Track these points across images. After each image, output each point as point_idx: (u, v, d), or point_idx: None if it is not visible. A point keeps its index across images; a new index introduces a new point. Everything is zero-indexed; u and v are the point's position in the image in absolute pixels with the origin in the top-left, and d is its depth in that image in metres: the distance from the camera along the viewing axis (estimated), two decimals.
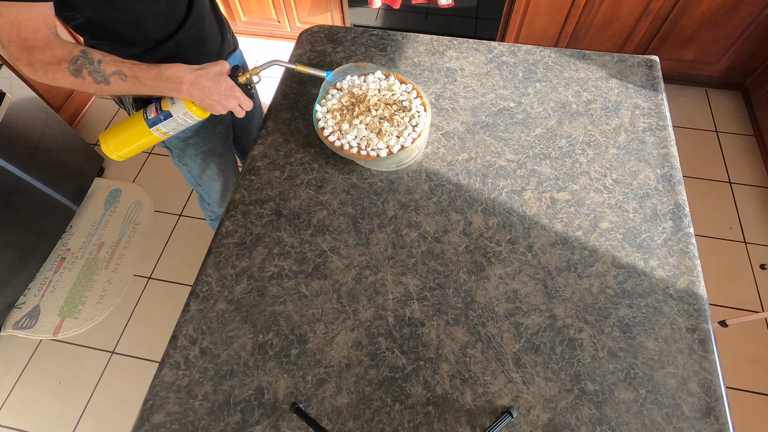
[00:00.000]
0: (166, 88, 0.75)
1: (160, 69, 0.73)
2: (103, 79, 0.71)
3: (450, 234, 0.85)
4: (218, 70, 0.76)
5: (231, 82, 0.78)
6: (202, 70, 0.75)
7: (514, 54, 1.10)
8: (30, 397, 1.55)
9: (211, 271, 0.83)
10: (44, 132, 1.68)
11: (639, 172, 0.91)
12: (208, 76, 0.75)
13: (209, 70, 0.76)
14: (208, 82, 0.75)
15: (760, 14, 1.71)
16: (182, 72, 0.74)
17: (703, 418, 0.68)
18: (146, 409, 0.72)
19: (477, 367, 0.73)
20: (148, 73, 0.73)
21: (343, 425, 0.69)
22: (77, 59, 0.69)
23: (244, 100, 0.81)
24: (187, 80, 0.74)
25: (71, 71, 0.70)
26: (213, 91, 0.76)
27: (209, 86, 0.75)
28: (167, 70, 0.73)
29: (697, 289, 0.78)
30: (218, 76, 0.76)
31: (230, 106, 0.79)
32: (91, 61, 0.70)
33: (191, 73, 0.74)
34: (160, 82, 0.74)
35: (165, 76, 0.73)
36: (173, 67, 0.74)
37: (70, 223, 1.90)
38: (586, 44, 1.97)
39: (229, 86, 0.77)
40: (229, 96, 0.78)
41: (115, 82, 0.72)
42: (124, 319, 1.67)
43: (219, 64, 0.77)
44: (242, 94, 0.80)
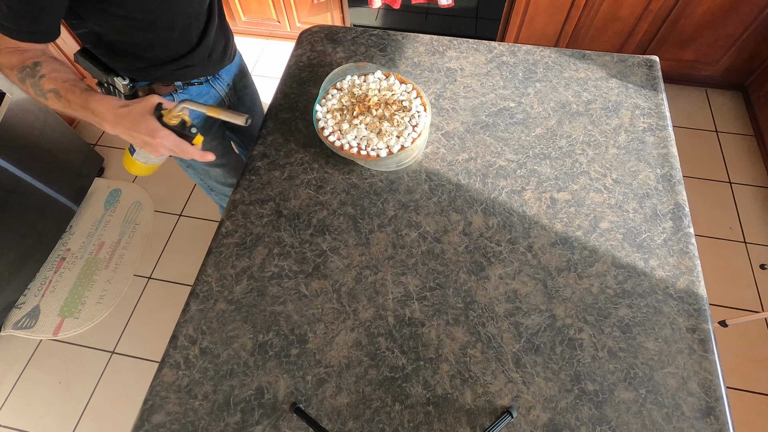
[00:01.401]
0: (92, 119, 0.70)
1: (88, 99, 0.68)
2: (41, 93, 0.69)
3: (450, 234, 0.85)
4: (140, 109, 0.68)
5: (154, 124, 0.68)
6: (125, 109, 0.68)
7: (514, 54, 1.10)
8: (30, 397, 1.55)
9: (211, 271, 0.83)
10: (44, 132, 1.68)
11: (639, 172, 0.91)
12: (129, 116, 0.68)
13: (132, 108, 0.68)
14: (129, 122, 0.68)
15: (760, 14, 1.71)
16: (105, 109, 0.68)
17: (703, 418, 0.68)
18: (146, 409, 0.72)
19: (477, 367, 0.73)
20: (78, 99, 0.69)
21: (343, 425, 0.69)
22: (24, 68, 0.69)
23: (176, 145, 0.70)
24: (108, 119, 0.68)
25: (18, 79, 0.69)
26: (133, 133, 0.68)
27: (129, 127, 0.68)
28: (93, 103, 0.68)
29: (697, 289, 0.78)
30: (139, 118, 0.68)
31: (159, 152, 0.70)
32: (34, 74, 0.69)
33: (113, 111, 0.68)
34: (86, 112, 0.69)
35: (90, 109, 0.68)
36: (100, 102, 0.68)
37: (70, 223, 1.90)
38: (586, 44, 1.97)
39: (149, 130, 0.68)
40: (152, 142, 0.68)
41: (51, 99, 0.69)
42: (124, 319, 1.67)
43: (144, 100, 0.69)
44: (169, 138, 0.69)
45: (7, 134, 1.51)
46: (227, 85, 1.06)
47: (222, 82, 1.04)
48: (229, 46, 1.01)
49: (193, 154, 0.72)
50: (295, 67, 1.11)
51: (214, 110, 0.72)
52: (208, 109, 0.72)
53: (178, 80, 0.93)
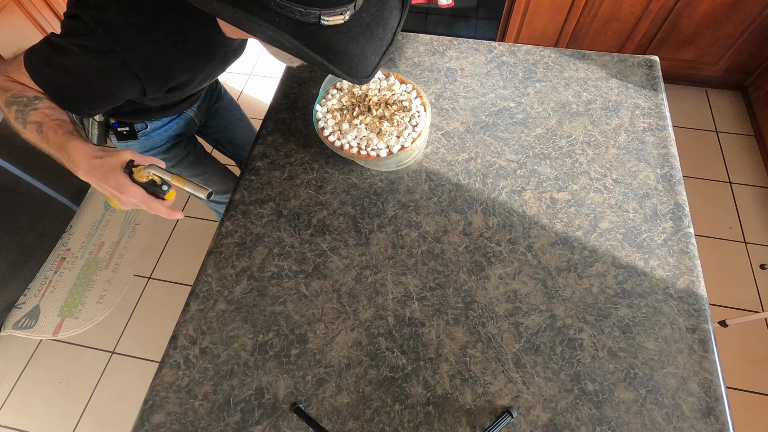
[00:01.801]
0: (67, 164, 0.70)
1: (67, 143, 0.68)
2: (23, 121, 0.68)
3: (450, 234, 0.85)
4: (111, 164, 0.67)
5: (122, 179, 0.67)
6: (98, 160, 0.67)
7: (514, 54, 1.10)
8: (30, 396, 1.55)
9: (211, 271, 0.83)
10: None
11: (639, 172, 0.91)
12: (101, 169, 0.67)
13: (105, 161, 0.67)
14: (100, 175, 0.67)
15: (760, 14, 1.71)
16: (80, 157, 0.67)
17: (703, 418, 0.68)
18: (146, 409, 0.72)
19: (477, 367, 0.73)
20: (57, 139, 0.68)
21: (343, 425, 0.69)
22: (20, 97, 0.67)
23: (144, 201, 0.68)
24: (82, 168, 0.67)
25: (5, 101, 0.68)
26: (104, 185, 0.68)
27: (99, 179, 0.67)
28: (71, 149, 0.67)
29: (697, 289, 0.78)
30: (108, 172, 0.67)
31: (126, 206, 0.69)
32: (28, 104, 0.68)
33: (86, 161, 0.67)
34: (63, 154, 0.68)
35: (67, 153, 0.68)
36: (77, 148, 0.67)
37: (70, 223, 1.90)
38: (586, 44, 1.97)
39: (117, 185, 0.67)
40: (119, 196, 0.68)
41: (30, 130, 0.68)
42: (124, 319, 1.67)
43: (117, 155, 0.68)
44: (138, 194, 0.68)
45: (7, 134, 1.52)
46: (196, 106, 1.06)
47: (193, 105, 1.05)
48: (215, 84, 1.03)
49: (159, 211, 0.70)
50: (295, 67, 1.11)
51: (178, 180, 0.70)
52: (173, 178, 0.70)
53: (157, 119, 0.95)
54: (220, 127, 1.21)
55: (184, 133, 1.06)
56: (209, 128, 1.20)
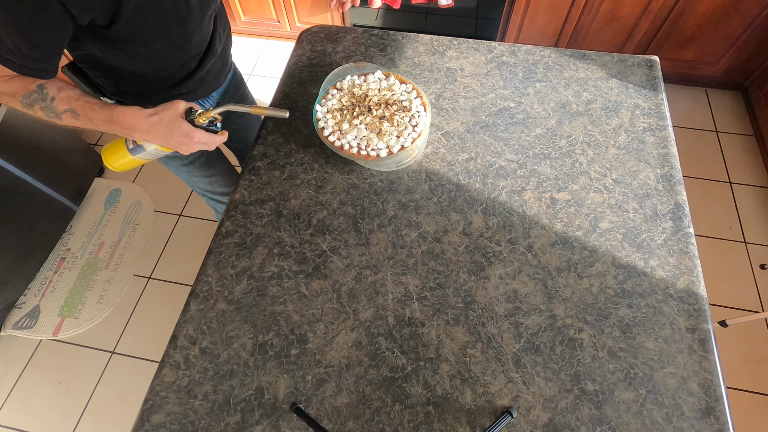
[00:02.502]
0: (119, 131, 0.72)
1: (113, 113, 0.70)
2: (55, 115, 0.70)
3: (450, 234, 0.85)
4: (172, 115, 0.72)
5: (187, 127, 0.73)
6: (155, 117, 0.71)
7: (514, 54, 1.10)
8: (30, 397, 1.55)
9: (211, 271, 0.83)
10: (44, 132, 1.68)
11: (639, 172, 0.91)
12: (161, 123, 0.71)
13: (163, 115, 0.72)
14: (162, 129, 0.71)
15: (760, 14, 1.71)
16: (134, 120, 0.71)
17: (703, 418, 0.68)
18: (146, 409, 0.72)
19: (477, 367, 0.73)
20: (100, 115, 0.70)
21: (343, 425, 0.69)
22: (31, 94, 0.69)
23: (208, 140, 0.76)
24: (140, 128, 0.71)
25: (23, 104, 0.69)
26: (169, 138, 0.72)
27: (163, 134, 0.72)
28: (119, 116, 0.70)
29: (697, 289, 0.78)
30: (172, 123, 0.72)
31: (192, 149, 0.76)
32: (44, 98, 0.69)
33: (144, 120, 0.71)
34: (113, 125, 0.71)
35: (117, 122, 0.70)
36: (126, 113, 0.71)
37: (70, 223, 1.90)
38: (586, 44, 1.97)
39: (185, 132, 0.72)
40: (188, 142, 0.74)
41: (66, 118, 0.70)
42: (124, 319, 1.67)
43: (173, 106, 0.73)
44: (202, 136, 0.75)
45: (7, 134, 1.52)
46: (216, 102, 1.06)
47: (211, 100, 1.04)
48: (223, 72, 1.00)
49: (219, 141, 0.79)
50: (295, 67, 1.11)
51: (258, 109, 0.78)
52: (252, 109, 0.77)
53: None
54: (237, 125, 1.21)
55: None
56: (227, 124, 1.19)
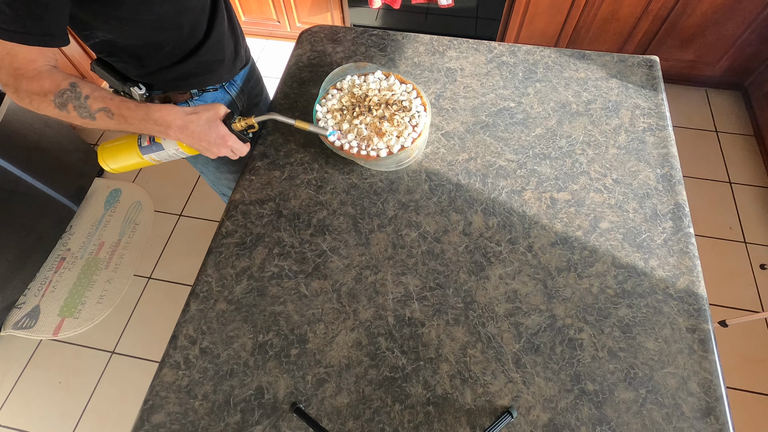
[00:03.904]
0: (153, 129, 0.71)
1: (149, 110, 0.70)
2: (89, 114, 0.69)
3: (450, 234, 0.85)
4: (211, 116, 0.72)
5: (224, 130, 0.73)
6: (194, 115, 0.71)
7: (514, 54, 1.10)
8: (30, 397, 1.55)
9: (211, 271, 0.83)
10: (44, 132, 1.68)
11: (639, 172, 0.91)
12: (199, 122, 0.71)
13: (201, 115, 0.71)
14: (198, 128, 0.71)
15: (760, 14, 1.71)
16: (171, 116, 0.70)
17: (703, 418, 0.68)
18: (146, 409, 0.72)
19: (477, 367, 0.73)
20: (135, 113, 0.70)
21: (343, 425, 0.69)
22: (64, 92, 0.67)
23: (238, 147, 0.76)
24: (176, 125, 0.70)
25: (56, 104, 0.68)
26: (203, 138, 0.72)
27: (199, 133, 0.71)
28: (155, 113, 0.70)
29: (697, 289, 0.78)
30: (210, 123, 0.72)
31: (221, 153, 0.75)
32: (78, 96, 0.68)
33: (181, 118, 0.71)
34: (148, 123, 0.70)
35: (153, 119, 0.70)
36: (162, 110, 0.70)
37: (70, 223, 1.90)
38: (586, 44, 1.97)
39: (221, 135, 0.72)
40: (220, 144, 0.73)
41: (100, 118, 0.70)
42: (124, 319, 1.67)
43: (213, 108, 0.73)
44: (235, 142, 0.75)
45: (7, 134, 1.52)
46: (239, 88, 1.06)
47: (236, 86, 1.04)
48: (240, 47, 1.00)
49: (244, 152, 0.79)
50: (295, 67, 1.11)
51: (302, 124, 0.78)
52: (297, 122, 0.78)
53: (194, 87, 0.93)
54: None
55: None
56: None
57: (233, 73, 1.01)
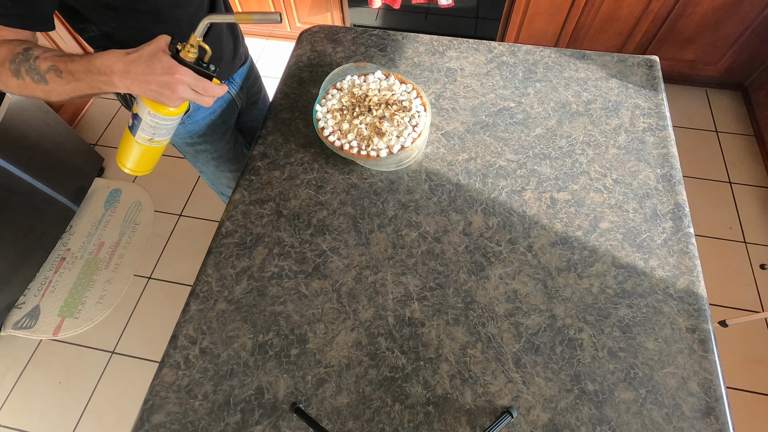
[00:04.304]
0: (99, 81, 0.63)
1: (91, 59, 0.62)
2: (40, 77, 0.63)
3: (450, 234, 0.85)
4: (152, 49, 0.61)
5: (169, 61, 0.61)
6: (135, 53, 0.61)
7: (514, 54, 1.10)
8: (30, 397, 1.55)
9: (211, 271, 0.83)
10: (44, 132, 1.68)
11: (639, 172, 0.91)
12: (141, 59, 0.61)
13: (143, 51, 0.61)
14: (141, 67, 0.61)
15: (760, 14, 1.71)
16: (111, 60, 0.61)
17: (703, 418, 0.68)
18: (146, 409, 0.72)
19: (477, 367, 0.73)
20: (79, 65, 0.62)
21: (343, 425, 0.69)
22: (16, 57, 0.63)
23: (196, 82, 0.63)
24: (118, 70, 0.61)
25: (12, 71, 0.63)
26: (149, 78, 0.61)
27: (143, 72, 0.61)
28: (96, 60, 0.61)
29: (697, 289, 0.78)
30: (152, 57, 0.61)
31: (178, 93, 0.63)
32: (28, 58, 0.63)
33: (121, 60, 0.61)
34: (93, 75, 0.62)
35: (95, 68, 0.61)
36: (103, 56, 0.62)
37: (70, 223, 1.90)
38: (586, 44, 1.97)
39: (165, 67, 0.60)
40: (170, 81, 0.61)
41: (51, 79, 0.63)
42: (124, 319, 1.67)
43: (155, 40, 0.62)
44: (188, 74, 0.62)
45: (7, 134, 1.52)
46: (238, 86, 1.07)
47: (235, 84, 1.04)
48: (239, 44, 1.01)
49: (214, 89, 0.66)
50: (295, 67, 1.11)
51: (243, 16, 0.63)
52: (236, 17, 0.63)
53: None
54: (253, 116, 1.22)
55: (227, 120, 1.06)
56: (243, 116, 1.20)
57: (232, 71, 1.01)
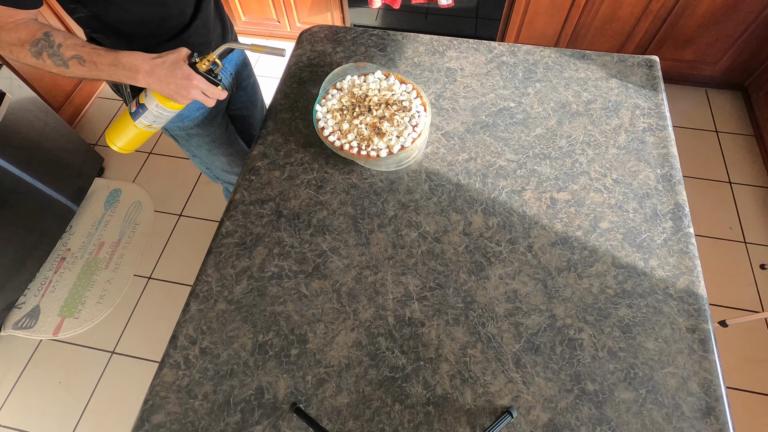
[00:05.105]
0: (123, 75, 0.73)
1: (118, 56, 0.72)
2: (62, 62, 0.72)
3: (450, 234, 0.85)
4: (175, 58, 0.74)
5: (188, 70, 0.75)
6: (159, 59, 0.73)
7: (514, 54, 1.10)
8: (30, 397, 1.55)
9: (211, 271, 0.83)
10: (44, 132, 1.68)
11: (639, 172, 0.91)
12: (164, 65, 0.73)
13: (166, 58, 0.74)
14: (164, 71, 0.73)
15: (759, 14, 1.71)
16: (138, 60, 0.72)
17: (703, 418, 0.68)
18: (146, 409, 0.72)
19: (477, 367, 0.73)
20: (105, 58, 0.72)
21: (343, 425, 0.69)
22: (38, 41, 0.70)
23: (207, 88, 0.77)
24: (143, 69, 0.72)
25: (32, 53, 0.71)
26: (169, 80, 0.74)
27: (165, 75, 0.73)
28: (124, 58, 0.72)
29: (697, 289, 0.78)
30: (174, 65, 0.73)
31: (191, 95, 0.77)
32: (51, 44, 0.71)
33: (147, 62, 0.73)
34: (117, 69, 0.73)
35: (122, 64, 0.72)
36: (131, 55, 0.72)
37: (70, 223, 1.90)
38: (586, 44, 1.97)
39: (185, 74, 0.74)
40: (187, 85, 0.74)
41: (73, 66, 0.72)
42: (124, 319, 1.67)
43: (177, 51, 0.75)
44: (202, 82, 0.76)
45: (7, 134, 1.51)
46: (229, 74, 1.08)
47: (224, 71, 1.05)
48: (227, 31, 1.02)
49: (219, 94, 0.79)
50: (295, 67, 1.11)
51: (256, 48, 0.79)
52: (252, 47, 0.79)
53: None
54: (242, 102, 1.23)
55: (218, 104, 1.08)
56: (233, 103, 1.22)
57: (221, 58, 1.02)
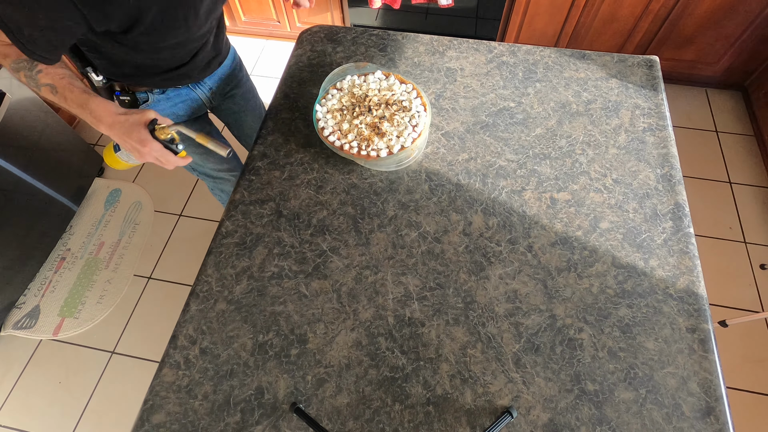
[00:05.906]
0: (87, 119, 0.75)
1: (89, 100, 0.74)
2: (36, 86, 0.74)
3: (450, 234, 0.85)
4: (136, 120, 0.75)
5: (145, 135, 0.75)
6: (123, 116, 0.74)
7: (514, 54, 1.10)
8: (30, 397, 1.55)
9: (211, 271, 0.83)
10: (44, 132, 1.68)
11: (639, 172, 0.91)
12: (125, 124, 0.74)
13: (129, 117, 0.74)
14: (123, 129, 0.74)
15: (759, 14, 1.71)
16: (104, 113, 0.74)
17: (703, 418, 0.68)
18: (146, 409, 0.72)
19: (477, 367, 0.73)
20: (76, 98, 0.73)
21: (343, 425, 0.69)
22: (21, 61, 0.73)
23: (162, 155, 0.77)
24: (106, 122, 0.74)
25: (12, 68, 0.74)
26: (126, 139, 0.75)
27: (123, 134, 0.74)
28: (93, 104, 0.73)
29: (697, 289, 0.78)
30: (133, 127, 0.74)
31: (144, 159, 0.77)
32: (31, 68, 0.73)
33: (111, 116, 0.74)
34: (84, 111, 0.74)
35: (89, 109, 0.74)
36: (99, 104, 0.74)
37: (70, 223, 1.90)
38: (586, 44, 1.97)
39: (140, 139, 0.74)
40: (140, 149, 0.75)
41: (45, 91, 0.74)
42: (124, 319, 1.67)
43: (142, 113, 0.76)
44: (158, 150, 0.76)
45: (7, 134, 1.51)
46: (209, 89, 1.08)
47: (204, 87, 1.05)
48: (215, 60, 1.01)
49: (176, 162, 0.80)
50: (295, 67, 1.11)
51: (202, 138, 0.80)
52: (197, 137, 0.80)
53: (158, 88, 0.96)
54: (231, 111, 1.23)
55: (193, 114, 1.08)
56: (222, 111, 1.22)
57: (200, 78, 1.02)
